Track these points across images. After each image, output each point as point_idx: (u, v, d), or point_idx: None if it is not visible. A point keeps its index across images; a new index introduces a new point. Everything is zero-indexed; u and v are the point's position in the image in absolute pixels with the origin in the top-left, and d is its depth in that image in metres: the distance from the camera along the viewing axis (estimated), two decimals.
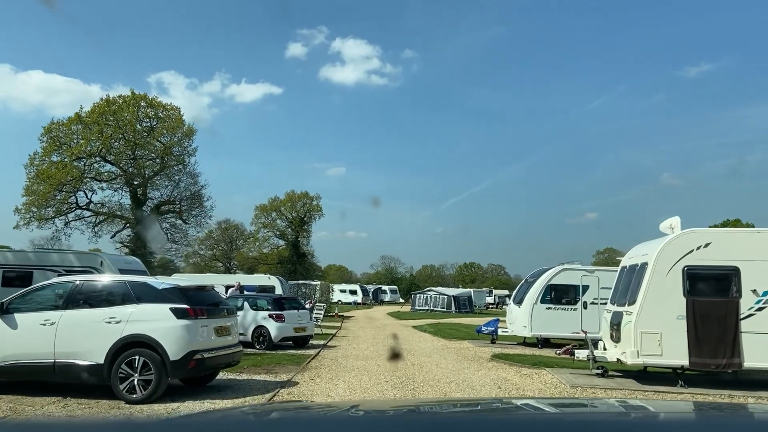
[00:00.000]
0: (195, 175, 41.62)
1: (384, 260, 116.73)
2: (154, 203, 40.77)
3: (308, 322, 20.06)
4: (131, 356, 9.87)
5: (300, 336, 19.71)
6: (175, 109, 40.27)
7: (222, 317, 11.03)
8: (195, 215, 42.63)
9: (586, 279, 21.65)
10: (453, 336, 26.38)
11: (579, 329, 21.43)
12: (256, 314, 19.24)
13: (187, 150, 40.52)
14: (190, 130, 40.26)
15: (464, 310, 56.18)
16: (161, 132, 39.18)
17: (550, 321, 21.40)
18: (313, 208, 72.63)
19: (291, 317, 19.33)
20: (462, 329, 31.71)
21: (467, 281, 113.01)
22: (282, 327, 18.96)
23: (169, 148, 39.53)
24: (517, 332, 22.12)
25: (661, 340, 11.65)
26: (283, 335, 19.04)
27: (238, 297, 20.61)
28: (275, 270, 74.12)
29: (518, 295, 22.87)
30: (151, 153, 39.44)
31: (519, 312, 21.91)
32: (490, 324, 22.65)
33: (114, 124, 37.96)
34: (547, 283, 21.55)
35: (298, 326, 19.46)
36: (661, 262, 11.91)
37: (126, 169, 39.00)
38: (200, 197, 41.87)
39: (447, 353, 19.44)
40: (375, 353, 18.81)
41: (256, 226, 73.90)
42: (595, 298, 21.55)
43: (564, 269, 21.84)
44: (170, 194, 41.10)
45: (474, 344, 22.40)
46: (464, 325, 36.53)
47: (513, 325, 22.29)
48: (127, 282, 10.49)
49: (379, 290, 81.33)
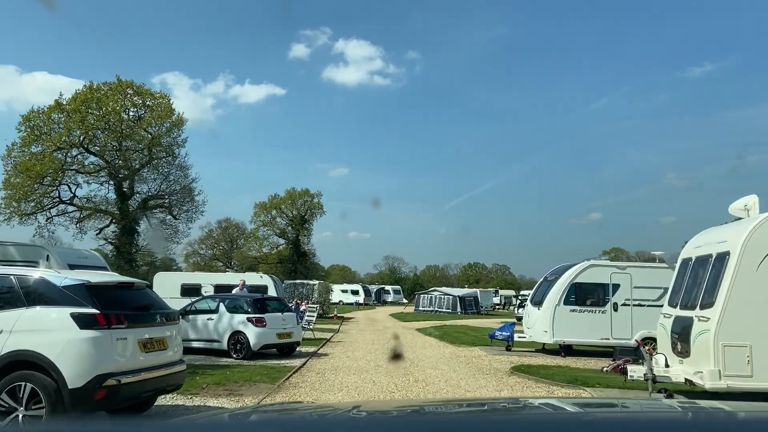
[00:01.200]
0: (185, 168, 38.65)
1: (387, 260, 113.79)
2: (142, 197, 37.74)
3: (294, 326, 16.95)
4: (14, 382, 6.81)
5: (284, 343, 16.62)
6: (164, 97, 37.33)
7: (154, 326, 7.92)
8: (186, 210, 39.62)
9: (617, 277, 18.49)
10: (461, 341, 23.26)
11: (608, 335, 18.34)
12: (233, 318, 16.15)
13: (177, 141, 37.53)
14: (180, 119, 37.26)
15: (470, 312, 53.04)
16: (149, 121, 36.17)
17: (575, 325, 18.26)
18: (314, 205, 69.59)
19: (274, 321, 16.24)
20: (470, 333, 28.59)
21: (471, 281, 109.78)
22: (262, 333, 15.87)
23: (157, 138, 36.50)
24: (537, 338, 18.99)
25: (752, 355, 8.52)
26: (263, 342, 15.95)
27: (214, 298, 17.54)
28: (275, 269, 71.06)
29: (537, 295, 19.72)
30: (138, 143, 36.39)
31: (538, 315, 18.78)
32: (504, 328, 19.52)
33: (97, 112, 34.96)
34: (572, 282, 18.41)
35: (283, 331, 16.36)
36: (749, 251, 8.77)
37: (110, 161, 35.98)
38: (191, 191, 38.88)
39: (457, 364, 16.33)
40: (372, 364, 15.72)
41: (255, 224, 70.91)
42: (627, 299, 18.40)
43: (591, 265, 18.69)
44: (158, 188, 38.10)
45: (487, 352, 19.28)
46: (472, 327, 33.39)
47: (531, 329, 19.15)
48: (15, 276, 7.38)
49: (382, 290, 78.09)
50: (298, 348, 17.72)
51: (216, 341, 16.29)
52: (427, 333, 28.47)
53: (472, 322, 40.38)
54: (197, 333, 16.65)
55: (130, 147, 36.81)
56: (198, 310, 17.02)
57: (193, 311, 17.07)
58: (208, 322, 16.49)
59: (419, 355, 18.38)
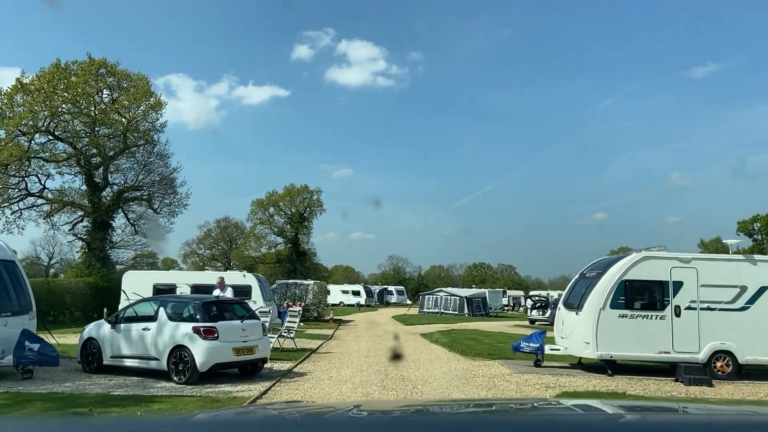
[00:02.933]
0: (165, 156, 34.32)
1: (391, 260, 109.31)
2: (117, 189, 33.44)
3: (260, 338, 12.56)
4: None
5: (245, 361, 12.28)
6: (141, 79, 33.02)
7: None
8: (168, 204, 35.33)
9: (679, 272, 14.09)
10: (475, 351, 18.89)
11: (668, 347, 13.94)
12: (176, 328, 11.83)
13: (155, 125, 33.22)
14: (159, 102, 32.95)
15: (478, 313, 48.57)
16: (123, 104, 31.88)
17: (625, 335, 13.89)
18: (313, 203, 65.19)
19: (230, 332, 11.90)
20: (483, 340, 24.20)
21: (477, 282, 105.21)
22: (213, 348, 11.54)
23: (133, 122, 32.22)
24: (575, 351, 14.61)
25: None
26: (215, 361, 11.61)
27: (155, 300, 13.20)
28: (274, 270, 66.77)
29: (572, 296, 15.33)
30: (112, 129, 32.12)
31: (577, 322, 14.39)
32: (532, 338, 15.08)
33: (65, 93, 30.73)
34: (621, 279, 14.01)
35: (242, 345, 12.01)
36: None
37: (81, 149, 31.73)
38: (172, 182, 34.55)
39: (476, 387, 11.96)
40: (360, 391, 11.38)
41: (252, 222, 66.58)
42: (693, 301, 14.02)
43: (645, 257, 14.28)
44: (136, 178, 33.78)
45: (510, 368, 14.90)
46: (484, 332, 28.97)
47: (567, 339, 14.77)
48: None
49: (385, 291, 73.37)
50: (266, 365, 13.40)
51: (153, 359, 11.97)
52: (434, 340, 24.11)
53: (483, 326, 35.96)
54: (131, 347, 12.34)
55: (103, 133, 32.54)
56: (133, 317, 12.71)
57: (126, 318, 12.76)
58: (144, 333, 12.18)
59: (424, 373, 14.01)
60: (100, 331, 12.86)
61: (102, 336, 12.73)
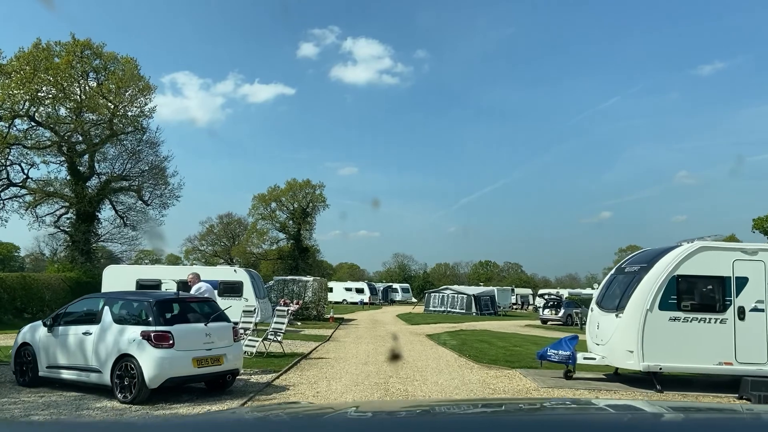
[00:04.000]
0: (155, 144, 31.80)
1: (397, 257, 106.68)
2: (104, 179, 30.97)
3: (229, 344, 9.98)
4: None
5: (210, 374, 9.71)
6: (129, 61, 30.53)
7: None
8: (159, 195, 32.84)
9: (743, 266, 11.46)
10: (489, 357, 16.33)
11: (730, 357, 11.32)
12: (122, 332, 9.28)
13: (144, 111, 30.70)
14: (148, 86, 30.49)
15: (486, 312, 45.93)
16: (108, 87, 29.40)
17: (678, 342, 11.28)
18: (315, 198, 62.66)
19: (189, 337, 9.36)
20: (496, 342, 21.61)
21: (482, 280, 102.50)
22: (167, 358, 8.99)
23: (119, 107, 29.74)
24: (615, 360, 11.99)
25: None
26: (169, 374, 9.05)
27: (100, 298, 10.62)
28: (275, 266, 64.32)
29: (609, 295, 12.70)
30: (97, 114, 29.65)
31: (617, 326, 11.78)
32: (562, 345, 12.43)
33: (47, 76, 28.28)
34: (672, 275, 11.38)
35: (206, 354, 9.45)
36: None
37: (64, 135, 29.27)
38: (162, 171, 32.04)
39: None
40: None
41: (254, 217, 64.12)
42: (760, 301, 11.38)
43: (701, 248, 11.63)
44: (123, 167, 31.29)
45: (534, 380, 12.28)
46: (496, 333, 26.37)
47: (604, 346, 12.14)
48: None
49: (390, 289, 70.62)
50: (242, 377, 10.86)
51: (94, 371, 9.42)
52: (441, 342, 21.53)
53: (492, 326, 33.36)
54: (69, 356, 9.81)
55: (88, 119, 30.07)
56: (74, 318, 10.18)
57: (67, 319, 10.23)
58: (84, 338, 9.64)
59: (433, 387, 11.43)
60: (36, 335, 10.35)
61: (37, 341, 10.22)
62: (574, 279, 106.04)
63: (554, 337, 25.95)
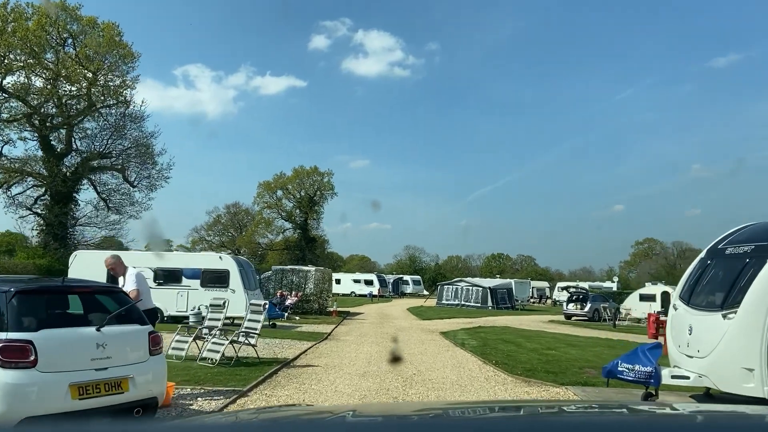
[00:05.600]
0: (139, 119, 28.18)
1: (408, 249, 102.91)
2: (83, 156, 27.44)
3: (139, 360, 6.26)
4: None
5: (105, 408, 5.98)
6: (110, 26, 26.95)
7: None
8: (146, 176, 29.29)
9: None
10: (520, 362, 12.60)
11: None
12: None
13: (126, 81, 27.09)
14: (130, 53, 26.89)
15: (503, 306, 42.09)
16: (85, 53, 25.82)
17: None
18: (324, 185, 59.03)
19: (67, 350, 5.67)
20: (522, 342, 17.86)
21: (495, 273, 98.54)
22: (24, 386, 5.31)
23: (98, 74, 26.17)
24: (722, 381, 8.13)
25: None
26: (26, 412, 5.35)
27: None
28: (282, 257, 60.80)
29: (705, 286, 8.85)
30: (74, 84, 26.11)
31: (727, 330, 7.93)
32: (639, 357, 8.54)
33: (17, 40, 24.77)
34: None
35: (95, 378, 5.75)
36: None
37: (36, 106, 25.75)
38: (148, 148, 28.45)
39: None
40: None
41: (259, 206, 60.63)
42: None
43: None
44: (104, 144, 27.73)
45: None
46: (519, 331, 22.58)
47: (702, 360, 8.28)
48: None
49: (400, 281, 66.79)
50: (184, 399, 7.18)
51: None
52: (458, 341, 17.83)
53: (513, 321, 29.58)
54: None
55: (65, 91, 26.54)
56: None
57: None
58: None
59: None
60: None
61: None
62: (589, 272, 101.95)
63: (587, 336, 22.06)
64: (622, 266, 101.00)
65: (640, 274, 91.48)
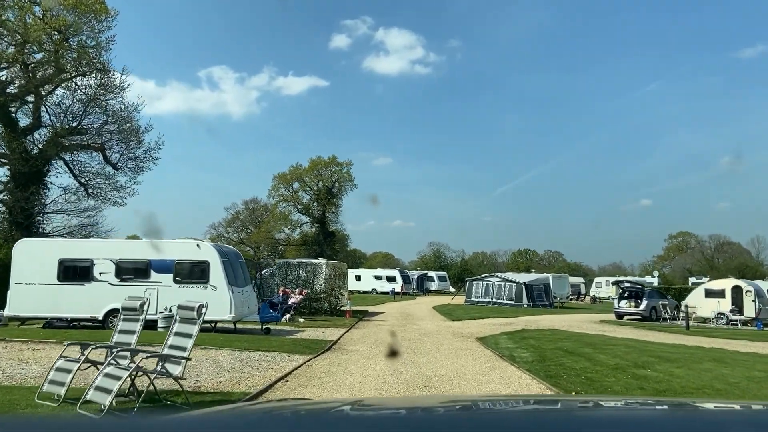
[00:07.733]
0: (119, 89, 23.69)
1: (432, 246, 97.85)
2: (54, 131, 23.06)
3: None
4: None
5: None
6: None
7: None
8: (131, 157, 24.85)
9: None
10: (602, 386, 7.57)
11: None
12: None
13: (100, 42, 22.64)
14: (104, 8, 22.45)
15: (540, 304, 36.85)
16: (48, 7, 21.42)
17: None
18: (342, 176, 54.34)
19: None
20: (592, 354, 12.81)
21: (521, 269, 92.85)
22: None
23: (66, 33, 21.75)
24: None
25: None
26: None
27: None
28: (299, 253, 56.29)
29: None
30: (38, 45, 21.76)
31: None
32: None
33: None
34: None
35: None
36: None
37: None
38: (130, 123, 23.99)
39: None
40: None
41: (274, 199, 56.22)
42: None
43: None
44: (79, 118, 23.33)
45: None
46: (573, 335, 17.50)
47: None
48: None
49: (425, 277, 61.59)
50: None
51: None
52: (505, 352, 12.92)
53: (557, 321, 24.51)
54: None
55: (29, 53, 22.21)
56: None
57: None
58: None
59: None
60: None
61: None
62: (619, 268, 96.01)
63: (670, 344, 16.47)
64: (656, 261, 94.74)
65: (675, 268, 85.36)
